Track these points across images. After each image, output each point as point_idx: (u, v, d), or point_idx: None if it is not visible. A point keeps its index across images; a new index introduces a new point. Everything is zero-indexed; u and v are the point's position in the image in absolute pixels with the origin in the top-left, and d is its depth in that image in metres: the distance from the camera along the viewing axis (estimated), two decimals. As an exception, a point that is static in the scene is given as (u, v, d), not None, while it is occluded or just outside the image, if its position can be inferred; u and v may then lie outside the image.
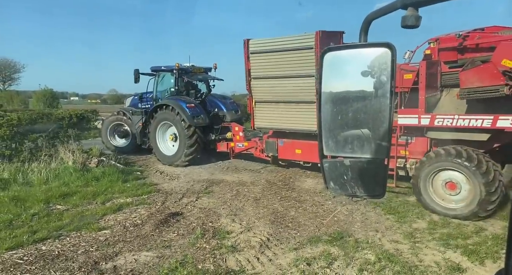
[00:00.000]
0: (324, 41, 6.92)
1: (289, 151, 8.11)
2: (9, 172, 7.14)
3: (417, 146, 6.30)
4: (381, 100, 0.91)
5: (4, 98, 31.70)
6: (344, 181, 0.98)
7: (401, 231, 4.98)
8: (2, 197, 5.98)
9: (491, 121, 5.20)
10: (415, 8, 0.81)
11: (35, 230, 4.84)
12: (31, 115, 8.42)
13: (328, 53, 0.97)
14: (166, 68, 10.51)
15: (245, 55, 7.93)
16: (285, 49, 7.40)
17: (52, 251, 4.28)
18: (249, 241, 4.67)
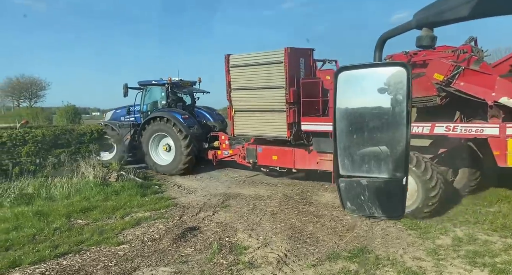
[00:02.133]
0: (293, 57, 7.77)
1: (266, 158, 8.69)
2: (33, 187, 7.35)
3: None
4: (397, 119, 0.90)
5: (30, 115, 32.98)
6: (361, 202, 0.97)
7: (423, 247, 4.80)
8: (26, 211, 6.14)
9: (429, 128, 5.89)
10: (430, 28, 0.80)
11: (57, 244, 4.94)
12: (55, 131, 8.68)
13: (342, 73, 0.97)
14: (156, 82, 11.21)
15: (226, 69, 8.64)
16: (259, 63, 8.16)
17: (72, 266, 4.35)
18: (266, 257, 4.60)
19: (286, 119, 7.87)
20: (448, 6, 0.73)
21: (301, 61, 8.15)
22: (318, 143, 7.82)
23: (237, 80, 8.58)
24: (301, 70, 8.16)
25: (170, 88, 10.94)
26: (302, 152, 8.17)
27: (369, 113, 0.95)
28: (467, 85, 5.70)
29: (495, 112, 5.65)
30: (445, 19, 0.75)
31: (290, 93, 7.76)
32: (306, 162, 8.19)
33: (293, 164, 8.34)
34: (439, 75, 5.79)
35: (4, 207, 6.54)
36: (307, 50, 8.31)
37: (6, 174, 7.48)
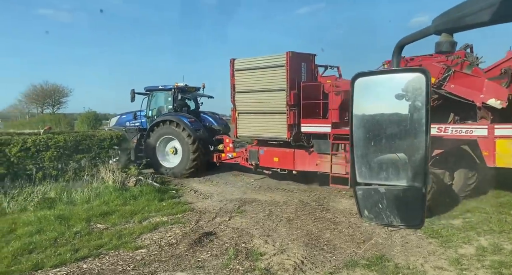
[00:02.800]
0: (294, 61, 8.07)
1: (268, 159, 8.96)
2: (55, 191, 7.56)
3: None
4: (416, 126, 0.88)
5: (53, 121, 34.09)
6: (379, 210, 0.95)
7: (445, 256, 4.65)
8: (48, 215, 6.32)
9: None
10: (449, 34, 0.79)
11: (77, 248, 5.05)
12: (76, 137, 8.93)
13: (359, 79, 0.96)
14: (163, 87, 11.64)
15: (231, 72, 8.95)
16: (262, 66, 8.46)
17: (92, 270, 4.43)
18: (282, 263, 4.56)
19: (287, 121, 8.12)
20: (468, 11, 0.71)
21: (302, 66, 8.41)
22: (318, 144, 8.02)
23: (241, 83, 8.88)
24: (303, 74, 8.41)
25: (176, 93, 11.38)
26: (302, 154, 8.39)
27: (386, 120, 0.93)
28: (457, 87, 5.89)
29: (484, 113, 5.81)
30: (465, 24, 0.73)
31: (290, 95, 7.99)
32: (306, 164, 8.39)
33: (294, 166, 8.57)
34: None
35: (28, 210, 6.75)
36: (309, 55, 8.60)
37: (30, 179, 7.72)
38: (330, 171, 7.71)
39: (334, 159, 7.76)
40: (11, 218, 6.32)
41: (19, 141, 7.87)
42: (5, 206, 6.77)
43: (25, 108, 53.05)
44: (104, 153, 9.09)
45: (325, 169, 7.88)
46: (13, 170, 7.67)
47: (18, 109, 53.83)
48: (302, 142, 8.34)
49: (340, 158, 7.76)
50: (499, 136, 5.54)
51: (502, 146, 5.53)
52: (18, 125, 36.08)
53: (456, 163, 6.73)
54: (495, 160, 5.57)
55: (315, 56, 8.71)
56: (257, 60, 8.59)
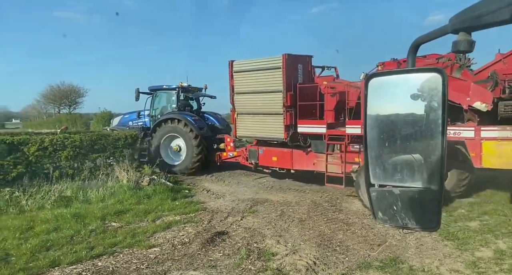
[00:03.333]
0: (290, 63, 8.22)
1: (267, 158, 9.21)
2: (72, 190, 7.73)
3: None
4: (432, 127, 0.86)
5: (70, 121, 34.87)
6: (394, 212, 0.93)
7: (462, 259, 4.55)
8: (65, 213, 6.46)
9: None
10: (467, 33, 0.77)
11: (92, 246, 5.15)
12: (91, 136, 9.10)
13: (373, 79, 0.95)
14: (167, 87, 11.97)
15: (229, 74, 9.10)
16: (260, 68, 8.61)
17: (107, 267, 4.51)
18: (295, 264, 4.55)
19: (283, 122, 8.29)
20: (487, 9, 0.69)
21: (299, 67, 8.57)
22: (315, 145, 8.22)
23: (239, 84, 9.05)
24: (299, 75, 8.57)
25: (179, 92, 11.71)
26: (300, 153, 8.60)
27: (401, 121, 0.92)
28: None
29: (471, 116, 6.03)
30: (484, 23, 0.71)
31: (287, 97, 8.16)
32: (303, 163, 8.59)
33: (292, 165, 8.80)
34: None
35: (45, 208, 6.91)
36: (305, 56, 8.81)
37: (48, 177, 7.91)
38: (326, 171, 7.90)
39: (329, 159, 7.95)
40: (30, 215, 6.48)
41: (37, 140, 8.07)
42: (23, 204, 6.95)
43: (42, 108, 54.43)
44: (118, 152, 9.22)
45: (322, 169, 8.07)
46: (31, 168, 7.87)
47: (36, 109, 55.30)
48: (299, 142, 8.50)
49: (336, 158, 7.93)
50: (485, 137, 5.75)
51: (488, 147, 5.75)
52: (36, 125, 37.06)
53: (449, 163, 6.90)
54: (482, 161, 5.78)
55: (311, 57, 8.92)
56: (255, 62, 8.75)
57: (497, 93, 5.91)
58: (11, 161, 7.59)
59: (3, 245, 5.09)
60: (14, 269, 4.34)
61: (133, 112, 13.07)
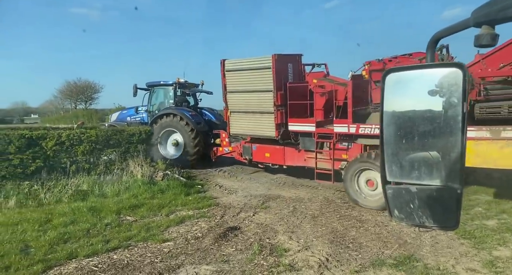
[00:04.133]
0: (280, 63, 8.41)
1: (260, 154, 9.56)
2: (88, 184, 7.90)
3: (355, 151, 7.58)
4: (451, 123, 0.84)
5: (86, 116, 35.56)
6: (411, 210, 0.91)
7: (478, 258, 4.46)
8: (81, 207, 6.62)
9: None
10: (491, 26, 0.74)
11: (108, 239, 5.26)
12: (107, 132, 9.26)
13: (391, 74, 0.93)
14: (164, 82, 12.27)
15: (222, 73, 9.28)
16: (251, 68, 8.78)
17: (122, 260, 4.60)
18: (307, 260, 4.54)
19: (274, 120, 8.53)
20: None
21: (289, 66, 8.75)
22: (304, 142, 8.49)
23: (231, 83, 9.25)
24: (290, 74, 8.76)
25: (177, 88, 11.98)
26: (291, 150, 8.90)
27: (419, 117, 0.89)
28: None
29: None
30: (510, 15, 0.68)
31: (277, 96, 8.37)
32: (295, 159, 8.92)
33: (284, 161, 9.15)
34: None
35: (62, 202, 7.09)
36: (295, 55, 9.04)
37: (65, 172, 8.10)
38: (316, 167, 8.17)
39: (318, 156, 8.22)
40: (48, 208, 6.66)
41: (55, 135, 8.26)
42: (42, 197, 7.15)
43: (59, 103, 55.61)
44: (133, 147, 9.36)
45: (312, 165, 8.33)
46: (49, 163, 8.07)
47: (53, 104, 56.53)
48: (290, 140, 8.76)
49: (325, 155, 8.18)
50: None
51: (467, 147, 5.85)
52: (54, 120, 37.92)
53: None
54: None
55: (301, 56, 9.14)
56: (246, 62, 8.94)
57: (473, 96, 6.08)
58: (30, 155, 7.79)
59: (23, 236, 5.26)
60: (34, 260, 4.47)
61: (131, 107, 13.41)
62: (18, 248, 4.83)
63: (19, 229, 5.51)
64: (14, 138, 7.67)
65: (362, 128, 7.13)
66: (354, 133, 7.23)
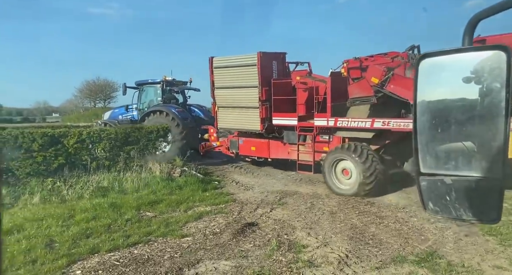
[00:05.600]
0: (265, 60, 8.83)
1: (246, 148, 10.02)
2: (108, 181, 8.06)
3: (335, 143, 8.06)
4: (492, 110, 0.79)
5: (104, 115, 36.28)
6: (447, 202, 0.87)
7: (505, 255, 4.31)
8: (102, 203, 6.76)
9: (370, 123, 7.08)
10: None
11: (128, 234, 5.35)
12: (126, 129, 9.41)
13: (426, 59, 0.88)
14: (152, 81, 12.65)
15: (210, 69, 9.67)
16: (237, 65, 9.22)
17: (142, 255, 4.68)
18: (326, 256, 4.50)
19: (259, 115, 8.96)
20: None
21: (273, 64, 9.14)
22: (288, 135, 8.92)
23: (219, 79, 9.65)
24: (274, 71, 9.15)
25: (164, 86, 12.29)
26: (276, 143, 9.37)
27: (456, 105, 0.85)
28: (396, 87, 6.82)
29: None
30: None
31: (262, 91, 8.79)
32: (279, 152, 9.37)
33: (269, 154, 9.64)
34: (375, 78, 6.94)
35: (84, 198, 7.26)
36: (279, 54, 9.48)
37: (86, 168, 8.29)
38: (298, 159, 8.66)
39: (301, 148, 8.69)
40: (70, 205, 6.84)
41: (76, 133, 8.45)
42: (64, 194, 7.34)
43: (79, 102, 56.99)
44: (151, 144, 9.48)
45: (295, 157, 8.81)
46: (71, 160, 8.27)
47: (73, 103, 57.97)
48: (275, 133, 9.22)
49: (307, 148, 8.64)
50: None
51: None
52: (74, 119, 38.88)
53: (406, 151, 7.39)
54: None
55: (285, 54, 9.58)
56: (233, 59, 9.37)
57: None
58: (53, 152, 8.00)
59: (48, 232, 5.41)
60: (58, 255, 4.60)
61: (122, 106, 13.84)
62: (44, 242, 4.97)
63: (43, 225, 5.67)
64: (38, 136, 7.88)
65: (340, 121, 7.57)
66: (333, 126, 7.70)
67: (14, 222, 5.78)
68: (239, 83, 9.30)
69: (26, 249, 4.73)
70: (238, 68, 9.24)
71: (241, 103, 9.40)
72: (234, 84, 9.42)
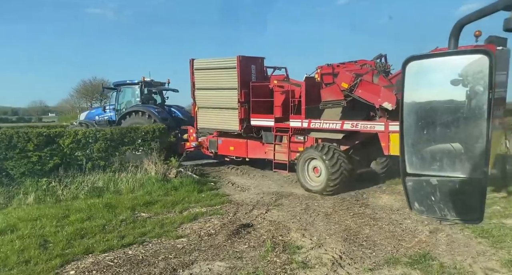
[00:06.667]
0: (244, 63, 9.23)
1: (225, 148, 10.33)
2: (103, 181, 8.03)
3: (309, 143, 8.53)
4: (476, 113, 0.81)
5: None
6: (432, 202, 0.89)
7: (497, 258, 4.35)
8: (97, 203, 6.73)
9: (340, 125, 7.62)
10: None
11: (123, 235, 5.34)
12: (121, 130, 9.39)
13: (412, 62, 0.90)
14: (130, 81, 12.77)
15: (190, 71, 10.03)
16: (218, 67, 9.62)
17: (137, 256, 4.67)
18: (320, 257, 4.51)
19: (238, 115, 9.32)
20: None
21: (252, 68, 9.53)
22: (265, 136, 9.32)
23: (200, 81, 10.02)
24: (253, 74, 9.53)
25: (143, 87, 12.39)
26: (253, 143, 9.73)
27: (441, 107, 0.87)
28: (364, 92, 7.36)
29: (382, 113, 7.36)
30: None
31: (241, 93, 9.17)
32: (257, 152, 9.72)
33: (246, 154, 9.94)
34: (345, 84, 7.47)
35: (79, 198, 7.24)
36: (258, 58, 9.83)
37: (81, 169, 8.25)
38: (274, 158, 9.09)
39: (277, 148, 9.11)
40: (65, 205, 6.81)
41: (71, 133, 8.42)
42: (59, 194, 7.31)
43: (75, 102, 56.65)
44: (147, 145, 9.46)
45: (271, 157, 9.21)
46: (66, 160, 8.24)
47: (70, 103, 57.63)
48: (253, 134, 9.55)
49: (283, 147, 9.07)
50: (392, 131, 7.00)
51: (394, 139, 7.00)
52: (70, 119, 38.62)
53: (373, 151, 8.01)
54: (389, 150, 7.08)
55: (263, 59, 9.97)
56: (213, 62, 9.74)
57: (400, 96, 6.79)
58: (48, 152, 7.97)
59: (42, 232, 5.39)
60: (52, 255, 4.58)
61: (99, 107, 13.98)
62: (37, 243, 4.95)
63: (38, 225, 5.65)
64: (33, 136, 7.85)
65: (313, 123, 8.06)
66: (307, 127, 8.21)
67: (7, 222, 5.75)
68: (219, 85, 9.64)
69: (19, 249, 4.71)
70: (218, 70, 9.62)
71: (221, 104, 9.75)
72: (214, 85, 9.76)
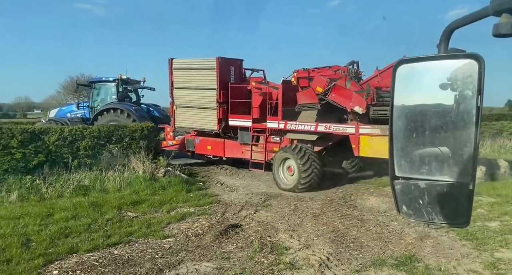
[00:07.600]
0: (223, 65, 9.44)
1: (203, 147, 10.51)
2: (89, 179, 7.90)
3: (285, 144, 8.84)
4: (464, 117, 0.81)
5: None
6: (420, 206, 0.89)
7: (480, 260, 4.43)
8: (83, 202, 6.62)
9: (314, 126, 7.98)
10: (511, 14, 0.71)
11: (109, 234, 5.25)
12: (109, 127, 9.26)
13: (402, 66, 0.90)
14: (106, 79, 12.89)
15: (169, 70, 10.16)
16: (197, 67, 9.82)
17: (122, 256, 4.60)
18: (307, 259, 4.52)
19: (216, 115, 9.52)
20: None
21: (231, 69, 9.74)
22: (242, 136, 9.52)
23: (178, 80, 10.14)
24: (232, 76, 9.75)
25: (119, 84, 12.43)
26: (231, 143, 9.90)
27: (431, 111, 0.87)
28: (336, 96, 7.78)
29: (353, 116, 7.78)
30: None
31: (220, 94, 9.38)
32: (234, 152, 9.93)
33: (224, 153, 10.13)
34: (319, 87, 7.87)
35: (64, 197, 7.10)
36: (237, 60, 10.07)
37: (67, 166, 8.10)
38: (250, 158, 9.39)
39: (254, 148, 9.37)
40: (49, 203, 6.67)
41: (57, 130, 8.27)
42: (44, 192, 7.15)
43: (62, 99, 55.63)
44: (135, 143, 9.35)
45: (248, 156, 9.47)
46: (52, 157, 8.08)
47: (56, 100, 56.55)
48: (230, 133, 9.75)
49: (260, 148, 9.34)
50: (362, 133, 7.44)
51: (364, 141, 7.43)
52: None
53: (344, 152, 8.31)
54: (360, 151, 7.46)
55: (242, 61, 10.19)
56: (193, 62, 9.90)
57: (370, 101, 7.52)
58: (33, 149, 7.80)
59: (25, 230, 5.26)
60: (35, 254, 4.47)
61: (70, 104, 13.88)
62: (20, 242, 4.82)
63: (20, 223, 5.52)
64: (17, 132, 7.67)
65: (289, 124, 8.39)
66: (283, 128, 8.55)
67: (-11, 220, 5.59)
68: (198, 85, 9.78)
69: (0, 248, 4.58)
70: (197, 71, 9.77)
71: (199, 103, 9.88)
72: (193, 85, 9.88)
